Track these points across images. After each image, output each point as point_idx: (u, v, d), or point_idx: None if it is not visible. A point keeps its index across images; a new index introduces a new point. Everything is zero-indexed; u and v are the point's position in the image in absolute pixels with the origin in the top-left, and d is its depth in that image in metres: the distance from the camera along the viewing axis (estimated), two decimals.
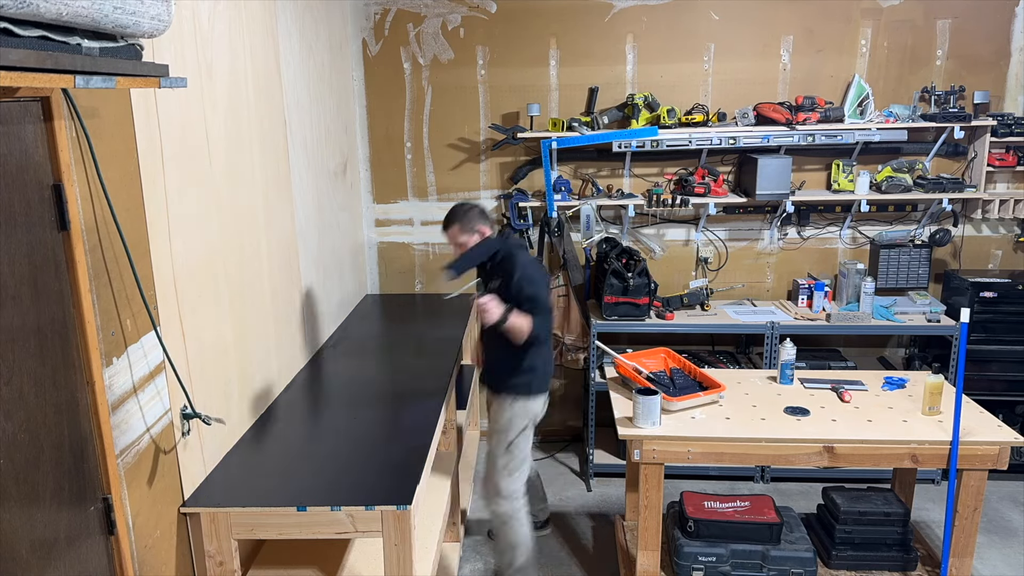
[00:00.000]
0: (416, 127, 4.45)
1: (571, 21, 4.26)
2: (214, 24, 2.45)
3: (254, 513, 2.18)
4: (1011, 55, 4.16)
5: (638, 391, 2.86)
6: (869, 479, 4.06)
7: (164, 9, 1.62)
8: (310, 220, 3.49)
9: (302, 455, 2.50)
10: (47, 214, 1.62)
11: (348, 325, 3.96)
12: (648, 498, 2.87)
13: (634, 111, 4.15)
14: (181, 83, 1.74)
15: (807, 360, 4.14)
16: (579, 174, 4.42)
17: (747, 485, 4.18)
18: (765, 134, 4.07)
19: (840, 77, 4.24)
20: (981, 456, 2.74)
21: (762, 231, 4.47)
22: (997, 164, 4.15)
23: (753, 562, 2.96)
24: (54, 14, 1.28)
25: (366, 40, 4.33)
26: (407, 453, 2.48)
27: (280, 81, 3.10)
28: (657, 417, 2.85)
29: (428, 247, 4.61)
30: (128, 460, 1.92)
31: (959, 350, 2.75)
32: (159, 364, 2.08)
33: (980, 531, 3.63)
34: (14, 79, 1.26)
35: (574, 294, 4.39)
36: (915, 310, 4.13)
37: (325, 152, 3.77)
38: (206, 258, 2.38)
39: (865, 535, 3.09)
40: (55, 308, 1.64)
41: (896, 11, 4.15)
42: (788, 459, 2.82)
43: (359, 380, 3.17)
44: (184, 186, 2.24)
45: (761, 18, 4.19)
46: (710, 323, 4.10)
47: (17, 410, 1.51)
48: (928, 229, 4.35)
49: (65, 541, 1.66)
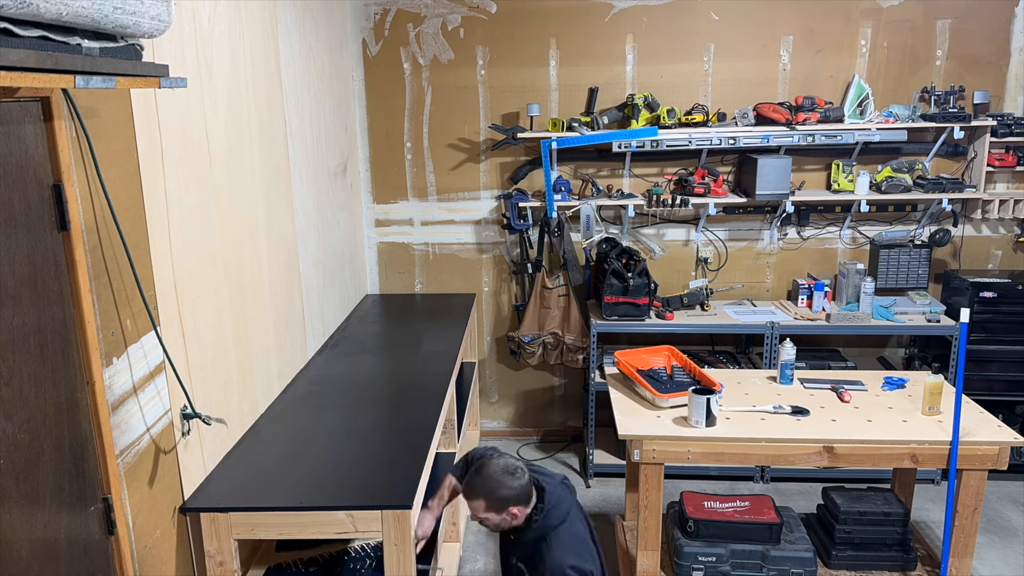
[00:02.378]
0: (416, 127, 4.45)
1: (571, 21, 4.26)
2: (214, 24, 2.45)
3: (254, 513, 2.18)
4: (1011, 55, 4.16)
5: (693, 390, 2.85)
6: (869, 479, 4.06)
7: (164, 9, 1.62)
8: (310, 220, 3.49)
9: (302, 455, 2.50)
10: (47, 214, 1.62)
11: (348, 325, 3.96)
12: (648, 498, 2.87)
13: (634, 111, 4.15)
14: (181, 83, 1.74)
15: (807, 360, 4.14)
16: (579, 174, 4.42)
17: (747, 485, 4.18)
18: (765, 134, 4.07)
19: (840, 77, 4.24)
20: (981, 456, 2.74)
21: (762, 231, 4.47)
22: (997, 164, 4.15)
23: (753, 562, 2.96)
24: (54, 14, 1.28)
25: (366, 40, 4.33)
26: (407, 453, 2.48)
27: (280, 81, 3.10)
28: (703, 417, 2.80)
29: (428, 247, 4.62)
30: (128, 460, 1.92)
31: (959, 350, 2.75)
32: (159, 364, 2.08)
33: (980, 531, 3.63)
34: (14, 79, 1.26)
35: (574, 294, 4.39)
36: (915, 310, 4.13)
37: (325, 152, 3.77)
38: (206, 258, 2.38)
39: (865, 535, 3.09)
40: (55, 308, 1.64)
41: (896, 11, 4.15)
42: (788, 459, 2.82)
43: (359, 380, 3.17)
44: (184, 186, 2.24)
45: (761, 18, 4.19)
46: (710, 323, 4.10)
47: (17, 410, 1.51)
48: (928, 229, 4.35)
49: (65, 541, 1.66)
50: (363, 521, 2.17)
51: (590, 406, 4.20)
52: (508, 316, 4.69)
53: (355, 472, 2.37)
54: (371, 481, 2.31)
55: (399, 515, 2.17)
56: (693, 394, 2.82)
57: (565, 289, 4.40)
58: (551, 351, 4.36)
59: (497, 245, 4.59)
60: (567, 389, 4.76)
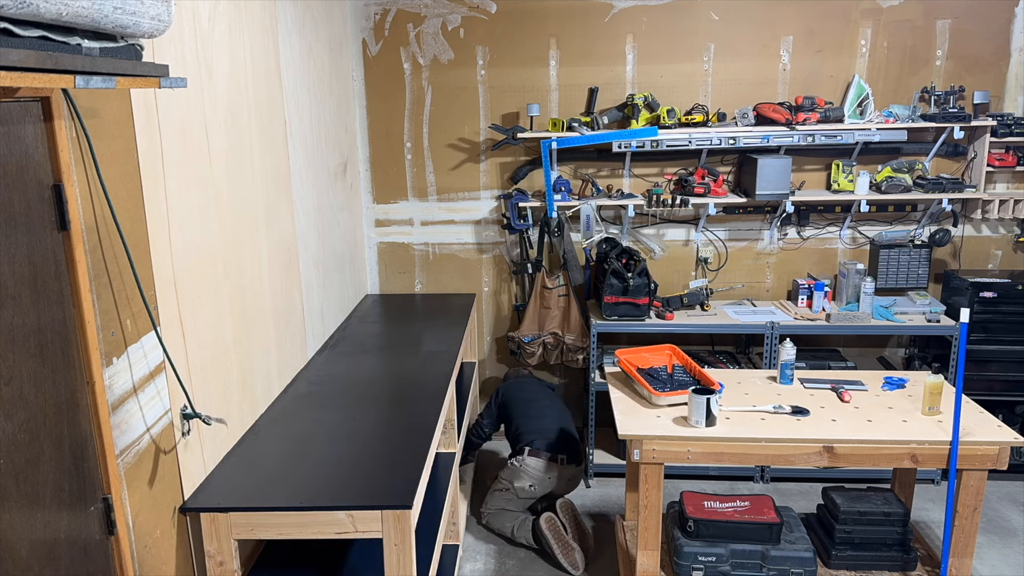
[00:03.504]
0: (416, 127, 4.45)
1: (571, 21, 4.26)
2: (214, 24, 2.45)
3: (254, 513, 2.18)
4: (1011, 55, 4.16)
5: (693, 390, 2.85)
6: (869, 479, 4.06)
7: (164, 9, 1.62)
8: (310, 220, 3.49)
9: (302, 455, 2.50)
10: (47, 214, 1.62)
11: (348, 325, 3.96)
12: (648, 498, 2.87)
13: (634, 111, 4.15)
14: (181, 83, 1.74)
15: (807, 360, 4.15)
16: (579, 174, 4.42)
17: (747, 485, 4.18)
18: (765, 134, 4.07)
19: (840, 77, 4.24)
20: (981, 456, 2.74)
21: (762, 231, 4.47)
22: (997, 164, 4.15)
23: (753, 562, 2.96)
24: (54, 14, 1.28)
25: (366, 40, 4.33)
26: (407, 453, 2.48)
27: (280, 81, 3.10)
28: (703, 417, 2.80)
29: (428, 247, 4.62)
30: (128, 460, 1.92)
31: (959, 350, 2.75)
32: (159, 364, 2.08)
33: (980, 531, 3.63)
34: (14, 79, 1.26)
35: (574, 294, 4.39)
36: (915, 310, 4.13)
37: (325, 152, 3.77)
38: (206, 258, 2.38)
39: (865, 535, 3.09)
40: (55, 308, 1.64)
41: (896, 11, 4.15)
42: (788, 459, 2.82)
43: (359, 380, 3.17)
44: (184, 186, 2.24)
45: (761, 18, 4.19)
46: (710, 323, 4.10)
47: (17, 410, 1.51)
48: (928, 229, 4.35)
49: (65, 541, 1.66)
50: (363, 521, 2.18)
51: (590, 406, 4.20)
52: (508, 316, 4.69)
53: (355, 472, 2.37)
54: (371, 481, 2.31)
55: (399, 515, 2.17)
56: (693, 394, 2.82)
57: (565, 289, 4.40)
58: (551, 351, 4.36)
59: (497, 245, 4.59)
60: (567, 389, 4.76)
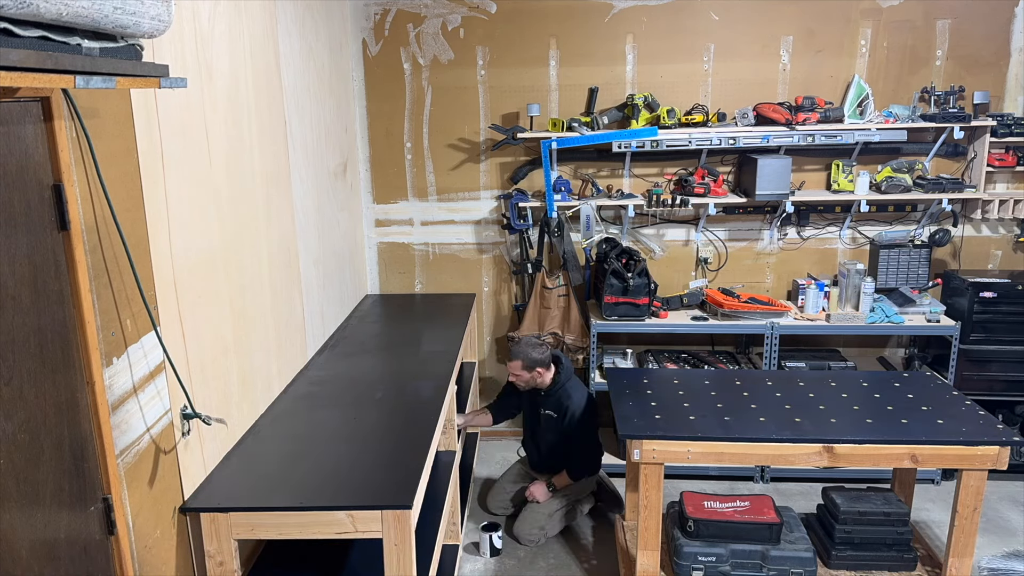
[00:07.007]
0: (416, 127, 4.45)
1: (571, 21, 4.26)
2: (214, 24, 2.45)
3: (254, 513, 2.18)
4: (1011, 55, 4.16)
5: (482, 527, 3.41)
6: (869, 479, 4.06)
7: (164, 9, 1.62)
8: (310, 220, 3.49)
9: (302, 455, 2.50)
10: (47, 214, 1.62)
11: (348, 325, 3.96)
12: (648, 498, 2.87)
13: (634, 111, 4.15)
14: (181, 83, 1.74)
15: (807, 360, 4.15)
16: (579, 174, 4.42)
17: (747, 485, 4.18)
18: (765, 134, 4.07)
19: (840, 77, 4.24)
20: (981, 456, 2.74)
21: (762, 231, 4.47)
22: (997, 164, 4.15)
23: (753, 562, 2.96)
24: (54, 14, 1.28)
25: (366, 40, 4.33)
26: (407, 453, 2.48)
27: (280, 81, 3.10)
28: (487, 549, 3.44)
29: (428, 247, 4.62)
30: (128, 460, 1.92)
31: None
32: (159, 364, 2.08)
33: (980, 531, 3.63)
34: (14, 79, 1.26)
35: (574, 294, 4.39)
36: (915, 310, 4.13)
37: (325, 152, 3.77)
38: (206, 258, 2.38)
39: (865, 535, 3.09)
40: (55, 308, 1.64)
41: (896, 11, 4.15)
42: (788, 459, 2.82)
43: (359, 380, 3.17)
44: (184, 186, 2.24)
45: (761, 18, 4.19)
46: (710, 323, 4.10)
47: (17, 410, 1.51)
48: (928, 229, 4.35)
49: (65, 541, 1.66)
50: (363, 521, 2.17)
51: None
52: (508, 316, 4.69)
53: (355, 472, 2.37)
54: (371, 481, 2.31)
55: (399, 515, 2.17)
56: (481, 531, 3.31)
57: (565, 289, 4.40)
58: None
59: (497, 245, 4.59)
60: None
